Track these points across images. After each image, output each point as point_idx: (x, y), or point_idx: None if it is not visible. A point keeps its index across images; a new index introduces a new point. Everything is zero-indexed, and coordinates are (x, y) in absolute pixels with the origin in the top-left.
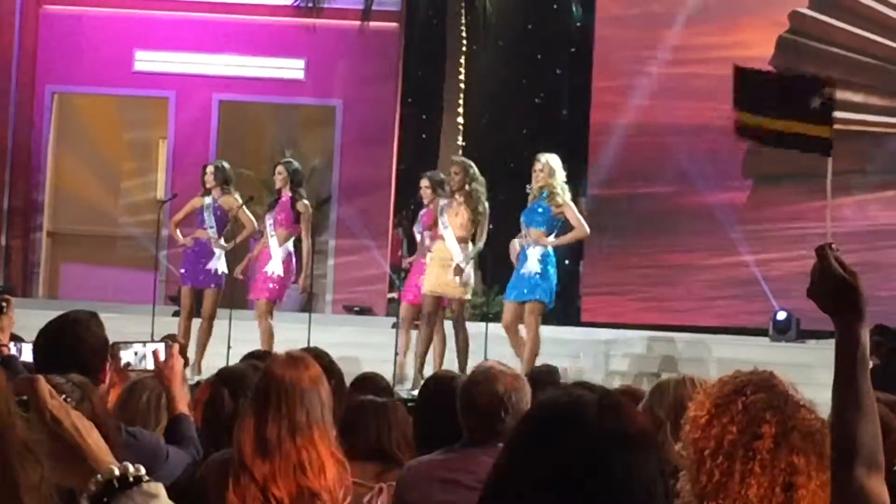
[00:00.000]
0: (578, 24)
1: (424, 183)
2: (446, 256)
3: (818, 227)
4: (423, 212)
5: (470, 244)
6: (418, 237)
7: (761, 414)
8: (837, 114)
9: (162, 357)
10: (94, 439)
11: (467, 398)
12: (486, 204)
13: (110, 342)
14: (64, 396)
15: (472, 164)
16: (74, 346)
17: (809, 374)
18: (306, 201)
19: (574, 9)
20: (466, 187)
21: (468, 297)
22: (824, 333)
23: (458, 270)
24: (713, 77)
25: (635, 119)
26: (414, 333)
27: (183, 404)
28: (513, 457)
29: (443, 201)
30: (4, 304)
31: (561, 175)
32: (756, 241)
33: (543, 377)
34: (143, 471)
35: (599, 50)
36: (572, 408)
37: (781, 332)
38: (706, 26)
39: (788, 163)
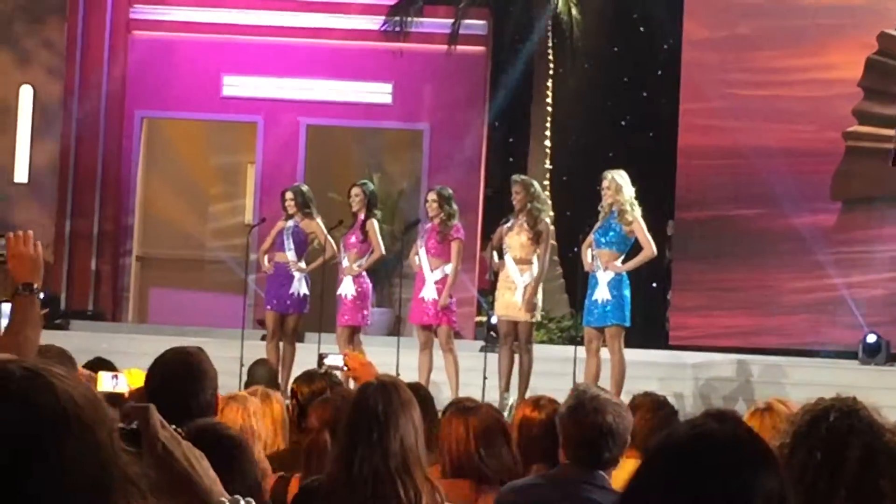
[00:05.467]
0: (665, 46)
1: (432, 196)
2: (510, 279)
3: None
4: (427, 226)
5: (534, 264)
6: (421, 251)
7: (845, 438)
8: None
9: None
10: (205, 470)
11: (572, 426)
12: (548, 221)
13: None
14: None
15: (534, 182)
16: (195, 381)
17: None
18: (375, 220)
19: None
20: (528, 206)
21: (534, 320)
22: None
23: (528, 293)
24: (801, 99)
25: (722, 142)
26: (438, 355)
27: None
28: (638, 488)
29: (506, 223)
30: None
31: (629, 191)
32: (845, 263)
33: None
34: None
35: (686, 72)
36: (696, 439)
37: (871, 355)
38: (794, 48)
39: (877, 185)
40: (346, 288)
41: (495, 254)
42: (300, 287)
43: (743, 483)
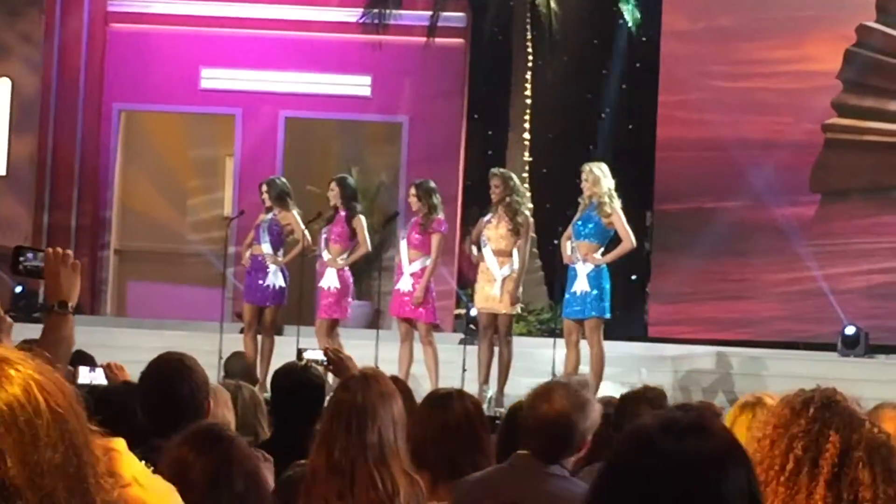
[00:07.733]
0: (644, 38)
1: (412, 191)
2: (489, 271)
3: (887, 242)
4: (412, 220)
5: (514, 256)
6: (402, 243)
7: (825, 431)
8: None
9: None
10: None
11: (532, 416)
12: (528, 214)
13: None
14: None
15: (513, 175)
16: (188, 383)
17: (879, 389)
18: (362, 217)
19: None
20: (507, 199)
21: (514, 312)
22: (894, 349)
23: (509, 285)
24: (780, 91)
25: (701, 134)
26: (418, 347)
27: None
28: (606, 481)
29: (485, 216)
30: None
31: (608, 183)
32: (824, 255)
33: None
34: None
35: (665, 64)
36: (659, 430)
37: (850, 346)
38: (773, 40)
39: (856, 177)
40: (330, 280)
41: (474, 247)
42: (276, 279)
43: (710, 474)
